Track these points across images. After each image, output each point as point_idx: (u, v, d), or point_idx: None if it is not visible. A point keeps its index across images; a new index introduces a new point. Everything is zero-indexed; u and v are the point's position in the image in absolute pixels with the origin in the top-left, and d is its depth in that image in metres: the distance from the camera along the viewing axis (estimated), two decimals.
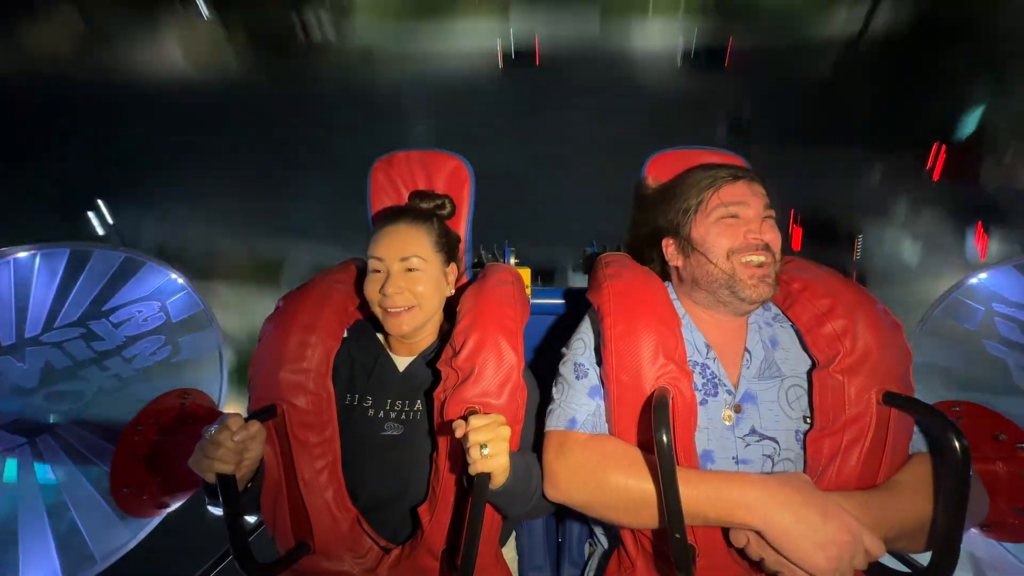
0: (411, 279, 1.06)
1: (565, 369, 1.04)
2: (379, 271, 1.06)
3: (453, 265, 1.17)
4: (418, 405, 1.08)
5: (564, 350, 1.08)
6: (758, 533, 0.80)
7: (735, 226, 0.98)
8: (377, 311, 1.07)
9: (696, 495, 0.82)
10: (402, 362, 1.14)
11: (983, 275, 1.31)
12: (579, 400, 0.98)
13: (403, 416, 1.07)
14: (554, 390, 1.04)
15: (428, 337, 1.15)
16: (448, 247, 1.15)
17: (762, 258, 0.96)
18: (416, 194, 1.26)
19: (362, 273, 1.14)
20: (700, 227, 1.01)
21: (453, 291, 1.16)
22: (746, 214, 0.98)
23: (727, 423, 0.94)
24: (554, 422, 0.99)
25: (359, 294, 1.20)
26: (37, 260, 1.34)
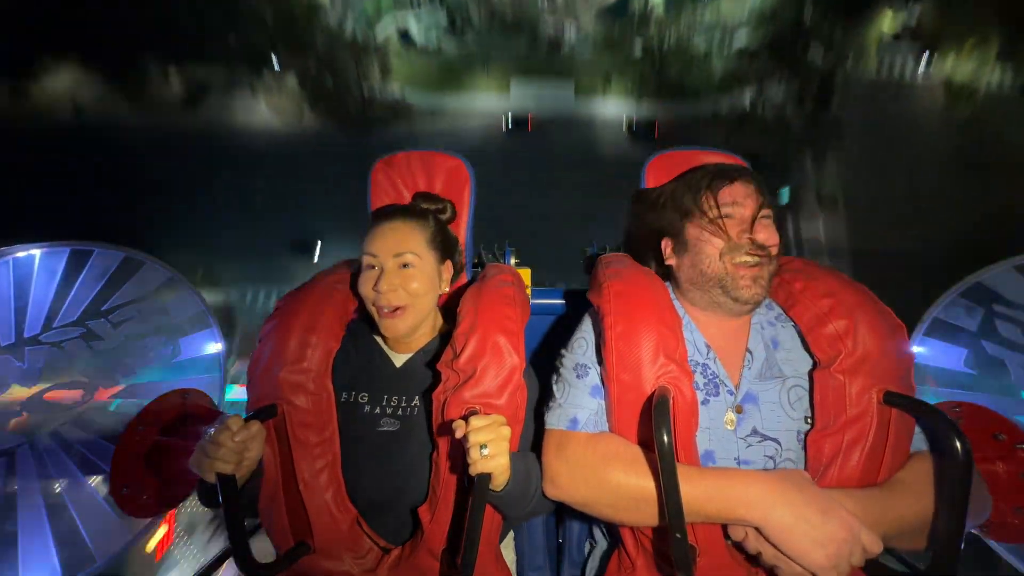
0: (405, 276, 1.05)
1: (566, 368, 1.04)
2: (373, 267, 1.05)
3: (448, 263, 1.16)
4: (416, 401, 1.07)
5: (563, 350, 1.08)
6: (757, 529, 0.80)
7: (728, 227, 0.98)
8: (372, 310, 1.07)
9: (697, 492, 0.82)
10: (399, 358, 1.13)
11: (985, 275, 1.31)
12: (581, 400, 0.98)
13: (400, 412, 1.07)
14: (555, 388, 1.04)
15: (425, 335, 1.14)
16: (443, 245, 1.14)
17: (756, 259, 0.96)
18: (420, 195, 1.26)
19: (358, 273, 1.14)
20: (695, 228, 1.01)
21: (448, 289, 1.15)
22: (740, 214, 0.98)
23: (729, 427, 0.94)
24: (555, 421, 0.99)
25: (358, 295, 1.20)
26: (37, 259, 1.34)
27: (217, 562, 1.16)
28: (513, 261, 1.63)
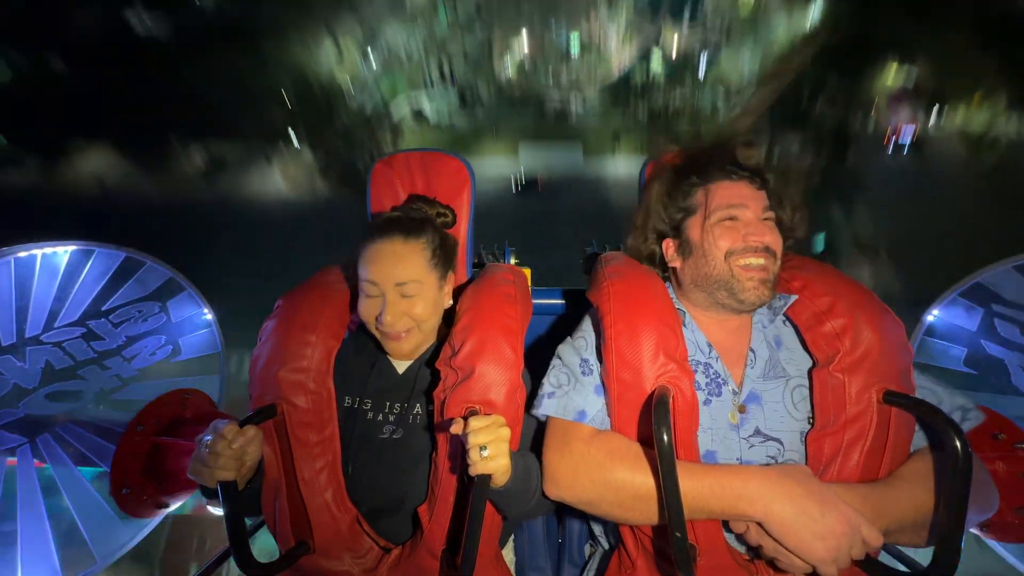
0: (408, 303, 1.02)
1: (570, 362, 1.02)
2: (374, 296, 1.02)
3: (451, 276, 1.13)
4: (417, 408, 1.07)
5: (567, 340, 1.07)
6: (759, 524, 0.80)
7: (733, 228, 0.98)
8: (375, 332, 1.05)
9: (698, 487, 0.82)
10: (401, 365, 1.13)
11: (984, 275, 1.31)
12: (587, 396, 0.97)
13: (402, 418, 1.06)
14: (555, 374, 1.02)
15: (426, 342, 1.13)
16: (445, 258, 1.10)
17: (761, 260, 0.95)
18: (417, 198, 1.22)
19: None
20: (699, 228, 1.01)
21: (451, 302, 1.12)
22: (745, 216, 0.98)
23: (732, 421, 0.94)
24: (560, 411, 0.97)
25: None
26: (38, 259, 1.34)
27: (217, 562, 1.16)
28: (513, 261, 1.63)
